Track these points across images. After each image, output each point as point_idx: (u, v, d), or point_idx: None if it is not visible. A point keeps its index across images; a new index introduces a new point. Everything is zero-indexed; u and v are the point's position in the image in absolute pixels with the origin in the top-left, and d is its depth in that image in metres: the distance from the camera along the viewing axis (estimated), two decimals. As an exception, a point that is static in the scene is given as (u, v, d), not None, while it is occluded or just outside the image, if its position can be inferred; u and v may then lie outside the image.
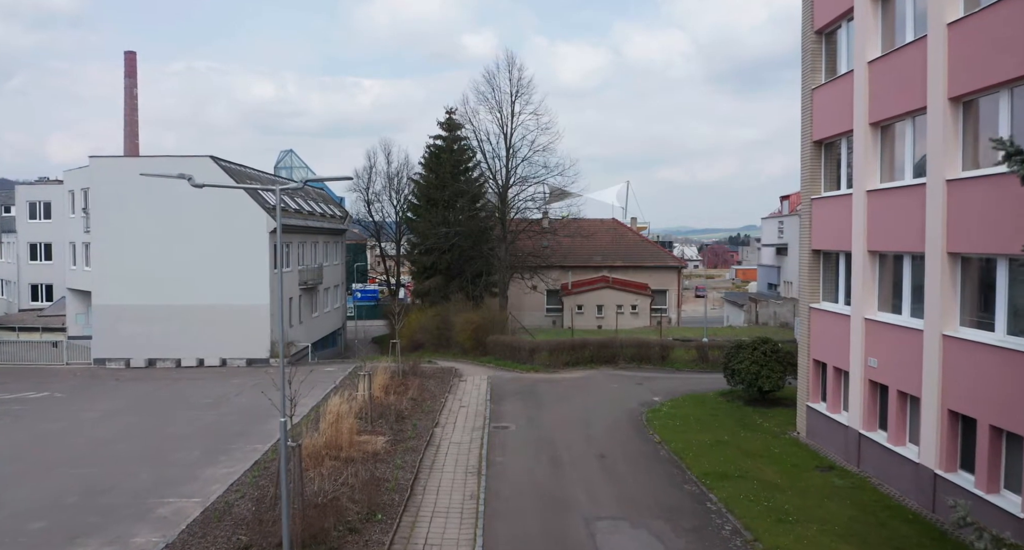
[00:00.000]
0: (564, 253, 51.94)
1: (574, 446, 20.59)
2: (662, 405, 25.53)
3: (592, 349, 34.38)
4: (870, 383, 18.46)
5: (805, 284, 22.27)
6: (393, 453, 19.13)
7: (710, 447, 20.10)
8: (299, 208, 42.40)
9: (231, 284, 35.61)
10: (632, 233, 58.48)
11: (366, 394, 22.05)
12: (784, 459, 19.33)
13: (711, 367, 32.85)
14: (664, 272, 53.71)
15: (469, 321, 37.48)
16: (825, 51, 21.49)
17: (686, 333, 42.00)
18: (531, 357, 33.95)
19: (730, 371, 25.61)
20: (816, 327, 21.65)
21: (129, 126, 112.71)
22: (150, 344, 36.09)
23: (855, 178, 18.95)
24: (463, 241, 45.40)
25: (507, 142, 44.81)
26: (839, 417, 20.08)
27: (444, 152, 48.73)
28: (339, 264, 51.42)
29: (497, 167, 45.61)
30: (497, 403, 26.37)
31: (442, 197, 46.66)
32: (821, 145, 21.59)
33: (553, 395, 27.81)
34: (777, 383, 24.72)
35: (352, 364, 35.95)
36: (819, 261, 21.87)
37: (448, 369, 33.26)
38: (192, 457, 20.00)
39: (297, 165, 71.85)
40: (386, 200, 60.19)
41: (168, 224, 35.49)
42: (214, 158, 36.10)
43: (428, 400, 26.26)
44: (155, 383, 32.08)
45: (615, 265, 53.47)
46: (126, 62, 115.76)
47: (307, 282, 41.63)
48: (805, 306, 22.21)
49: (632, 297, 50.22)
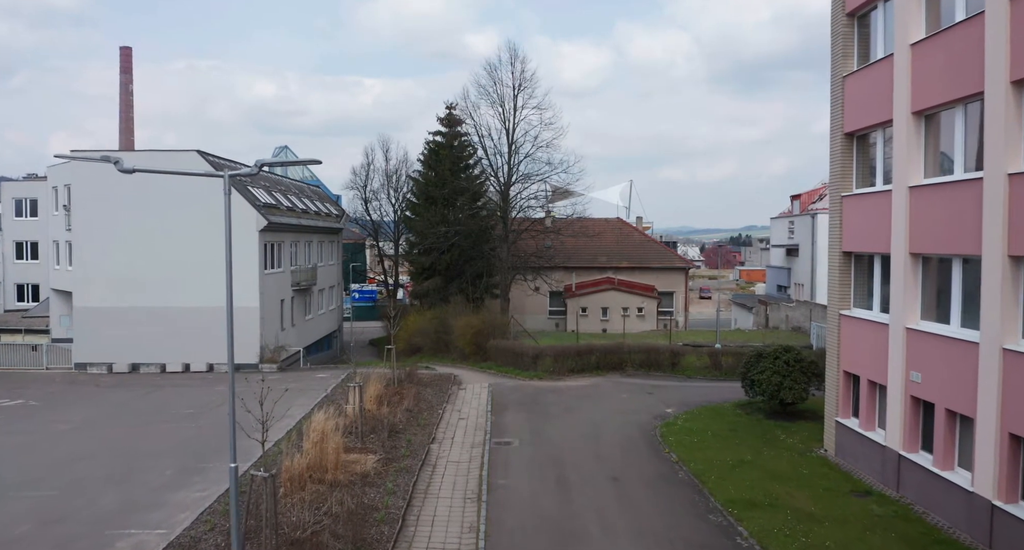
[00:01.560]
0: (567, 254, 50.17)
1: (583, 466, 18.80)
2: (676, 418, 23.73)
3: (599, 355, 32.59)
4: (912, 400, 16.67)
5: (835, 289, 20.45)
6: (384, 474, 17.36)
7: (732, 468, 18.32)
8: (291, 206, 40.63)
9: (219, 285, 33.76)
10: (638, 233, 56.68)
11: (356, 407, 20.25)
12: (815, 482, 17.56)
13: (725, 375, 31.10)
14: (671, 273, 51.91)
15: (469, 325, 35.71)
16: (858, 35, 19.69)
17: (696, 337, 40.22)
18: (534, 363, 32.16)
19: (749, 381, 23.81)
20: (847, 336, 19.85)
21: (125, 122, 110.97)
22: (134, 348, 34.33)
23: (895, 173, 17.15)
24: (463, 241, 43.65)
25: (509, 138, 43.06)
26: (874, 435, 18.30)
27: (444, 148, 46.97)
28: (335, 264, 49.67)
29: (499, 164, 43.91)
30: (499, 415, 24.59)
31: (441, 195, 44.91)
32: (853, 138, 19.78)
33: (558, 405, 26.03)
34: (801, 395, 22.93)
35: (346, 370, 34.17)
36: (850, 264, 20.05)
37: (446, 376, 31.48)
38: (163, 478, 18.22)
39: (292, 162, 69.84)
40: (384, 198, 58.45)
41: (153, 222, 33.73)
42: (201, 152, 34.34)
43: (425, 411, 24.49)
44: (136, 390, 30.30)
45: (620, 266, 51.68)
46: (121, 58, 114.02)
47: (300, 283, 39.86)
48: (834, 313, 20.40)
49: (638, 299, 48.43)
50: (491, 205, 45.66)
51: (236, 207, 33.49)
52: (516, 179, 43.43)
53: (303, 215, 41.82)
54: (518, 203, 43.86)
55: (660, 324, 49.73)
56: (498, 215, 44.57)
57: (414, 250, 49.43)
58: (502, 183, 43.49)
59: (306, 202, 45.45)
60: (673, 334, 37.67)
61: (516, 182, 43.54)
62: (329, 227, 46.73)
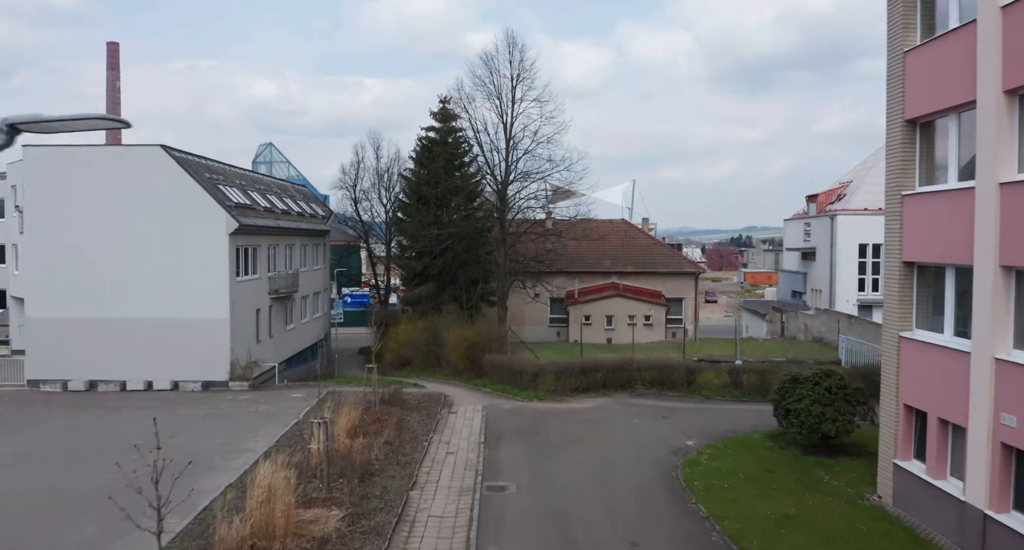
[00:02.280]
0: (569, 258, 46.90)
1: (594, 523, 15.50)
2: (700, 453, 20.42)
3: (605, 372, 29.30)
4: (1003, 448, 13.39)
5: (893, 306, 17.16)
6: (350, 538, 14.07)
7: (776, 526, 15.03)
8: (270, 206, 37.33)
9: (184, 295, 30.56)
10: (644, 236, 53.37)
11: (322, 447, 16.94)
12: (878, 545, 14.28)
13: (746, 395, 27.85)
14: (679, 278, 48.59)
15: (462, 338, 32.43)
16: (922, 1, 16.45)
17: (710, 349, 36.91)
18: (534, 382, 28.88)
19: (783, 410, 20.51)
20: (909, 363, 16.57)
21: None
22: (91, 364, 31.01)
23: (979, 166, 13.87)
24: (456, 244, 40.37)
25: (507, 133, 39.81)
26: (947, 486, 15.03)
27: (437, 145, 43.69)
28: (320, 269, 46.38)
29: (496, 161, 40.64)
30: (493, 447, 21.31)
31: (434, 195, 41.64)
32: (916, 125, 16.52)
33: (561, 435, 22.74)
34: (846, 427, 19.65)
35: (326, 387, 30.88)
36: (912, 276, 16.77)
37: (436, 396, 28.23)
38: (82, 536, 14.97)
39: (277, 160, 66.51)
40: (376, 198, 55.18)
41: (112, 226, 30.43)
42: (165, 147, 31.03)
43: (408, 443, 21.22)
44: (89, 413, 26.99)
45: (626, 271, 48.38)
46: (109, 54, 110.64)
47: (279, 291, 36.56)
48: (892, 334, 17.12)
49: (645, 307, 45.15)
50: (487, 206, 42.41)
51: (202, 207, 30.33)
52: (514, 178, 40.24)
53: (283, 216, 38.53)
54: (516, 203, 40.63)
55: (669, 333, 46.52)
56: (495, 216, 41.30)
57: (405, 254, 46.21)
58: (499, 182, 40.24)
59: (288, 202, 42.16)
60: (685, 345, 34.39)
61: (514, 181, 40.34)
62: (314, 229, 43.44)
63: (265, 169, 64.38)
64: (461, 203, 40.63)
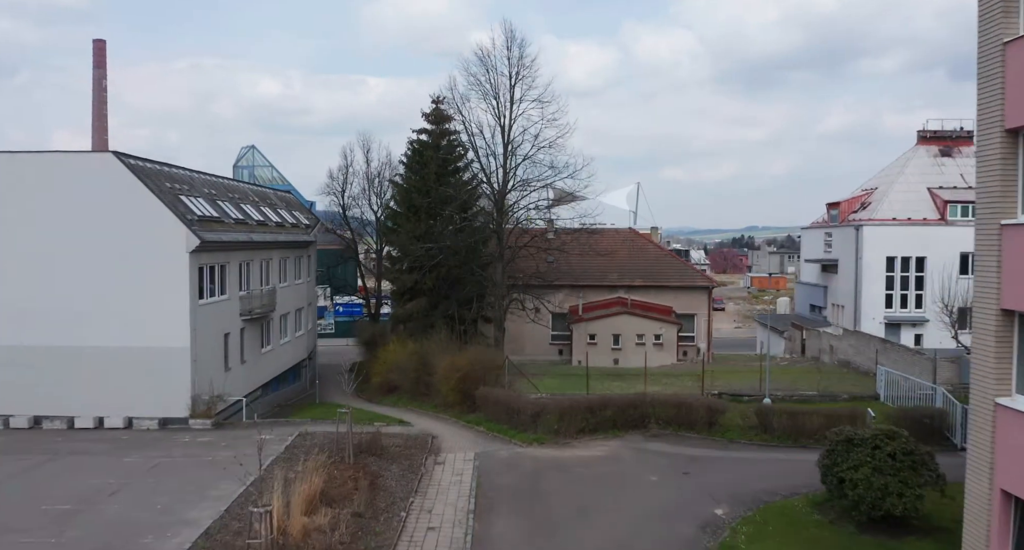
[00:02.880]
0: (573, 271, 43.42)
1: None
2: (735, 531, 16.87)
3: (615, 410, 25.81)
4: None
5: (985, 364, 13.61)
6: None
7: None
8: (243, 217, 33.79)
9: (140, 320, 27.07)
10: (653, 246, 49.80)
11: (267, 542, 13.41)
12: None
13: (776, 439, 24.35)
14: (691, 293, 45.02)
15: (454, 367, 28.92)
16: (1027, -20, 12.92)
17: (729, 378, 33.22)
18: (534, 423, 25.35)
19: (835, 479, 17.01)
20: (1009, 438, 13.04)
21: (98, 120, 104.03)
22: (35, 397, 27.50)
23: None
24: (450, 258, 36.84)
25: (505, 137, 36.22)
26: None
27: (429, 149, 40.16)
28: (304, 282, 42.83)
29: (492, 167, 37.05)
30: (484, 519, 17.82)
31: (425, 204, 38.13)
32: (1020, 135, 13.03)
33: (566, 501, 19.20)
34: (914, 505, 16.14)
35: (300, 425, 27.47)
36: (1013, 328, 13.24)
37: (422, 439, 24.77)
38: None
39: (260, 164, 62.75)
40: (366, 205, 51.58)
41: (56, 241, 26.93)
42: (119, 154, 27.54)
43: (383, 512, 17.78)
44: (25, 460, 23.42)
45: (633, 284, 44.86)
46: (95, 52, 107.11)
47: (253, 311, 33.02)
48: (984, 401, 13.58)
49: (655, 325, 41.61)
50: (484, 216, 38.92)
51: (159, 222, 26.89)
52: (513, 186, 36.63)
53: (259, 228, 34.96)
54: (515, 215, 37.11)
55: (680, 352, 43.02)
56: (492, 228, 37.74)
57: (396, 266, 42.71)
58: (496, 191, 36.66)
59: (266, 212, 38.63)
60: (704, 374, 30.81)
61: (513, 189, 36.74)
62: (295, 241, 39.89)
63: (247, 174, 60.74)
64: (455, 213, 37.07)
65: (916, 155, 47.21)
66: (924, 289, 43.21)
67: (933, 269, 42.90)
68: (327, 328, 69.00)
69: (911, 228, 43.24)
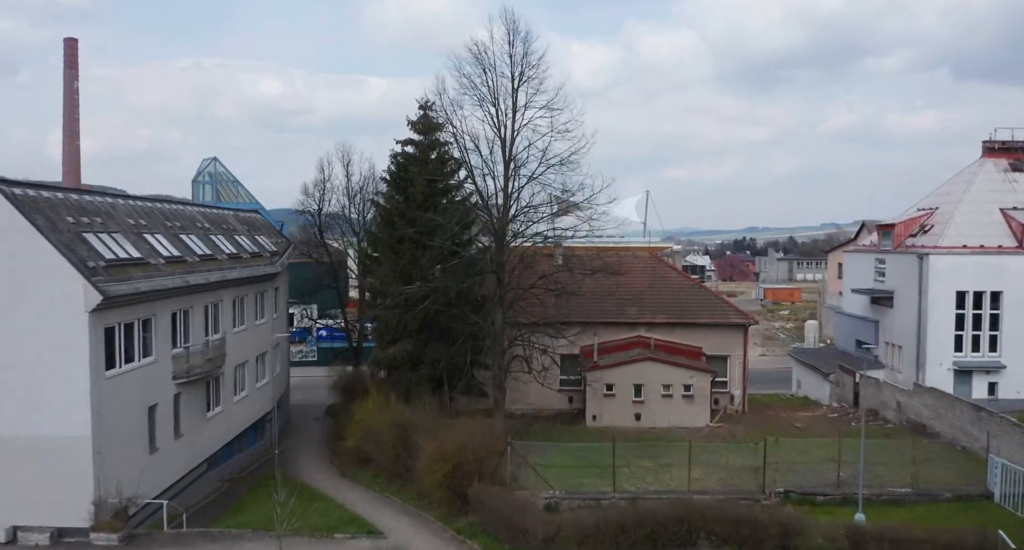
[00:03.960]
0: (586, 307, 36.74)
1: None
2: None
3: (651, 525, 19.27)
4: None
5: None
6: None
7: None
8: (179, 254, 27.22)
9: (28, 402, 20.56)
10: (677, 275, 43.14)
11: None
12: None
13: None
14: (724, 331, 38.37)
15: (440, 456, 22.37)
16: None
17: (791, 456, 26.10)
18: (548, 548, 18.78)
19: None
20: None
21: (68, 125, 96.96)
22: None
23: None
24: (439, 300, 30.25)
25: (506, 152, 29.57)
26: None
27: (416, 163, 33.57)
28: (269, 321, 36.25)
29: (491, 191, 30.41)
30: None
31: (409, 233, 31.53)
32: None
33: None
34: None
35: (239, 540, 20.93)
36: None
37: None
38: None
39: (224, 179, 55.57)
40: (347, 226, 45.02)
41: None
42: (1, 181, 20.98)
43: None
44: None
45: (655, 321, 38.28)
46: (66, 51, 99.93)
47: (191, 371, 26.44)
48: None
49: (684, 374, 35.01)
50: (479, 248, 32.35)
51: (43, 273, 20.29)
52: (516, 212, 30.00)
53: (200, 266, 28.30)
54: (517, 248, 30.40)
55: (712, 400, 36.33)
56: (490, 260, 31.04)
57: (377, 301, 36.16)
58: (495, 219, 30.00)
59: (218, 241, 32.02)
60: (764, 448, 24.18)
61: (516, 217, 30.10)
62: (254, 276, 33.24)
63: (209, 189, 53.80)
64: (445, 244, 30.34)
65: (983, 169, 40.67)
66: (1000, 329, 36.76)
67: (1009, 305, 36.61)
68: (309, 354, 62.40)
69: (984, 257, 36.72)
